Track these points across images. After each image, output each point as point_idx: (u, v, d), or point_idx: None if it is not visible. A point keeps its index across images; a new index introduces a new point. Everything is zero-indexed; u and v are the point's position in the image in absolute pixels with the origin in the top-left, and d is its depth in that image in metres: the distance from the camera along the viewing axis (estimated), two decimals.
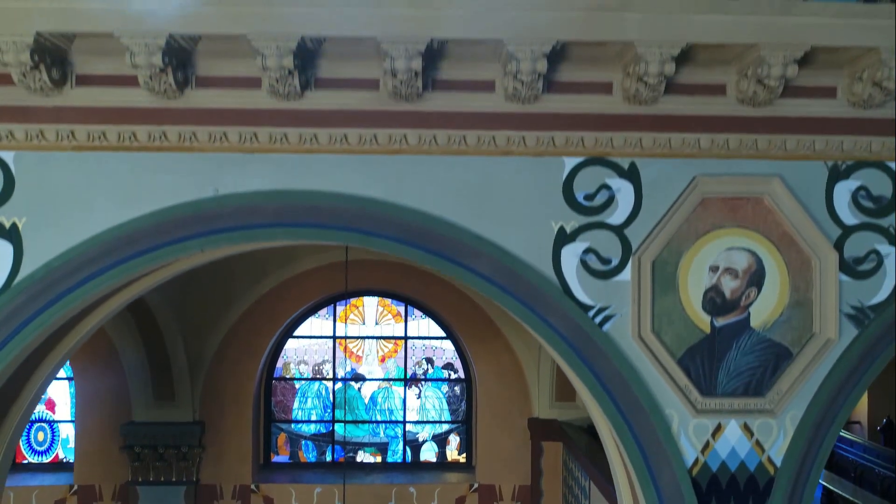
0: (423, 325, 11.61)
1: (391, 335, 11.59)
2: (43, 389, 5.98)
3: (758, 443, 4.75)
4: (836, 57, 4.40)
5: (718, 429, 4.73)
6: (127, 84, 4.40)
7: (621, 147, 4.64)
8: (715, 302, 4.73)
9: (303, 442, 11.56)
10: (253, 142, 4.55)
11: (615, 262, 4.68)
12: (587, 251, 4.68)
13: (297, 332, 11.52)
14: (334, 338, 11.53)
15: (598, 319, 4.68)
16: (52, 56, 4.26)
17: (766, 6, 4.09)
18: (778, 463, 4.74)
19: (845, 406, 4.76)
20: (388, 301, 11.55)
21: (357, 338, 11.57)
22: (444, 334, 11.59)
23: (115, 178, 4.56)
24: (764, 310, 4.75)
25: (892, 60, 4.20)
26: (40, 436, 11.48)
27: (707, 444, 4.73)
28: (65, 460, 11.46)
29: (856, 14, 4.13)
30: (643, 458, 4.71)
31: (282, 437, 11.55)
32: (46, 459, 11.51)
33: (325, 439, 11.56)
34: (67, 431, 11.47)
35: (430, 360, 11.66)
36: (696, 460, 4.73)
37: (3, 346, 4.58)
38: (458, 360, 11.67)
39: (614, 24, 4.09)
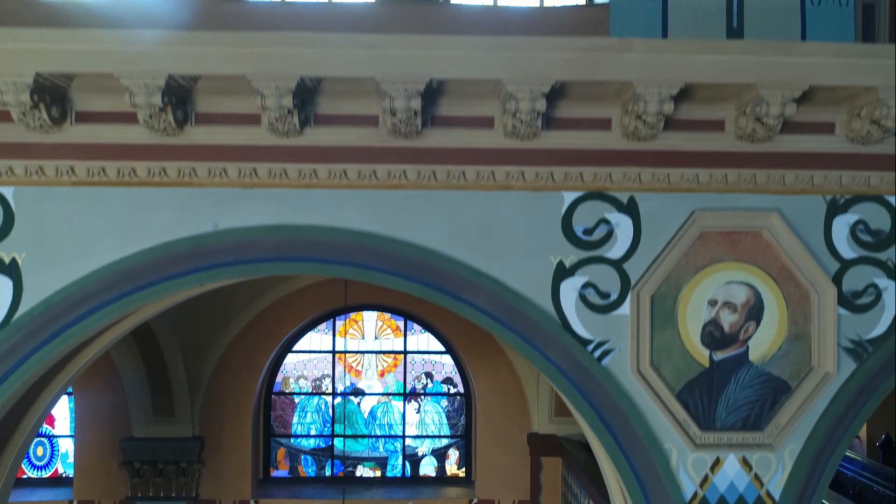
0: (422, 339, 11.61)
1: (390, 350, 11.59)
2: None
3: (756, 477, 4.75)
4: (835, 94, 4.40)
5: (717, 463, 4.74)
6: (126, 121, 4.41)
7: (620, 182, 4.65)
8: (714, 336, 4.74)
9: (302, 456, 11.55)
10: (252, 177, 4.56)
11: (614, 296, 4.69)
12: (586, 285, 4.68)
13: (296, 347, 11.51)
14: (334, 352, 11.53)
15: (596, 354, 4.69)
16: (52, 94, 4.27)
17: (765, 46, 4.11)
18: (777, 497, 4.74)
19: (843, 440, 4.77)
20: (388, 315, 11.55)
21: (356, 352, 11.57)
22: (443, 349, 11.58)
23: (115, 213, 4.57)
24: (762, 343, 4.76)
25: (890, 99, 4.21)
26: (39, 450, 11.47)
27: (706, 478, 4.73)
28: (64, 475, 11.45)
29: (854, 54, 4.14)
30: (642, 492, 4.71)
31: (281, 452, 11.55)
32: (46, 474, 11.50)
33: (324, 454, 11.55)
34: (67, 446, 11.46)
35: (429, 375, 11.66)
36: (695, 494, 4.73)
37: (3, 382, 4.59)
38: (458, 375, 11.67)
39: (613, 65, 4.10)
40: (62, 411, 11.52)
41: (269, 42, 4.01)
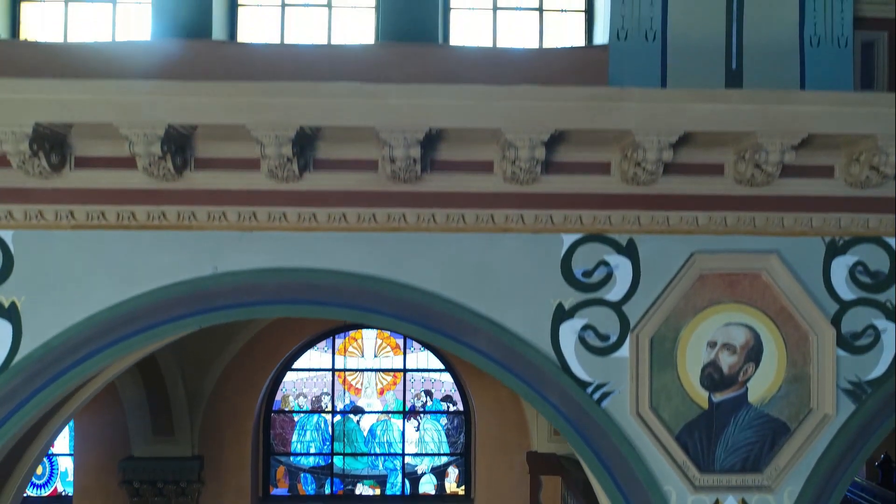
0: (421, 357, 11.59)
1: (390, 368, 11.58)
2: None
3: None
4: (834, 139, 4.41)
5: None
6: (126, 166, 4.42)
7: (619, 224, 4.65)
8: (713, 377, 4.74)
9: (302, 475, 11.54)
10: (252, 221, 4.56)
11: (613, 338, 4.69)
12: (585, 328, 4.69)
13: (296, 365, 11.49)
14: (333, 370, 11.52)
15: (596, 396, 4.69)
16: (51, 141, 4.27)
17: (764, 95, 4.12)
18: None
19: (843, 481, 4.77)
20: (387, 333, 11.53)
21: (356, 370, 11.56)
22: (442, 367, 11.57)
23: (115, 256, 4.57)
24: (762, 385, 4.76)
25: (889, 147, 4.22)
26: (39, 469, 11.46)
27: None
28: (63, 493, 11.44)
29: (853, 103, 4.15)
30: None
31: (280, 470, 11.53)
32: (45, 493, 11.49)
33: (323, 472, 11.54)
34: (66, 465, 11.45)
35: (428, 393, 11.65)
36: None
37: (2, 425, 4.59)
38: (457, 393, 11.66)
39: (612, 114, 4.11)
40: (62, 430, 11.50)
41: (268, 92, 4.02)
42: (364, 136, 4.34)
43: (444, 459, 11.67)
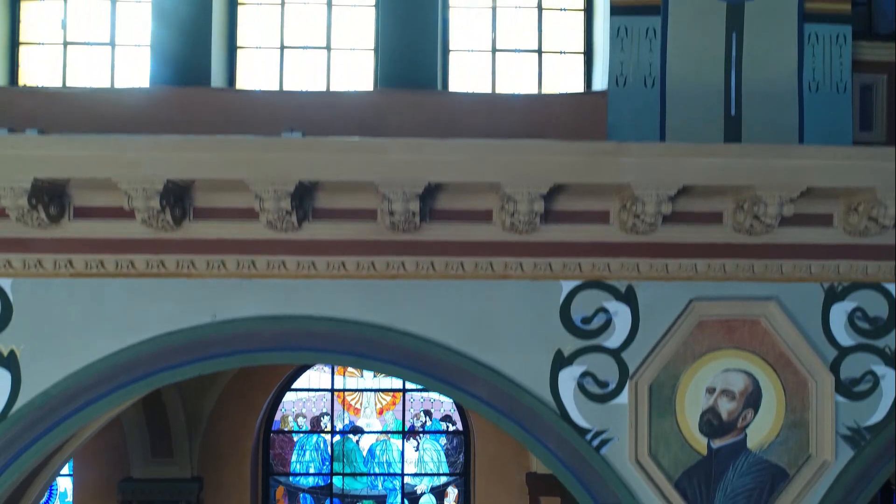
0: None
1: (389, 388, 11.56)
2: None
3: None
4: (833, 189, 4.41)
5: None
6: (124, 216, 4.41)
7: (618, 271, 4.66)
8: (712, 424, 4.74)
9: (301, 495, 11.53)
10: (251, 269, 4.56)
11: (612, 385, 4.70)
12: (584, 374, 4.69)
13: (295, 385, 11.48)
14: (332, 390, 11.51)
15: (595, 443, 4.69)
16: (50, 193, 4.27)
17: (762, 150, 4.13)
18: None
19: None
20: None
21: (355, 390, 11.55)
22: None
23: (114, 304, 4.57)
24: (760, 431, 4.77)
25: (889, 199, 4.21)
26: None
27: None
28: None
29: (852, 157, 4.15)
30: None
31: (280, 490, 11.52)
32: None
33: (323, 492, 11.52)
34: (65, 485, 11.44)
35: (428, 413, 11.63)
36: None
37: (2, 473, 4.59)
38: (457, 413, 11.65)
39: (611, 168, 4.11)
40: None
41: (267, 147, 4.03)
42: (363, 187, 4.34)
43: (444, 479, 11.66)
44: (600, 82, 5.12)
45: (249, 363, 4.71)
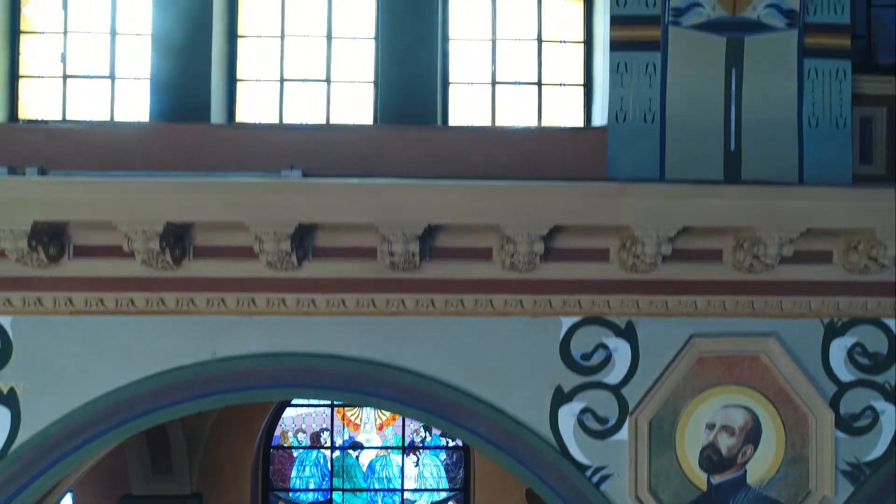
0: None
1: None
2: None
3: None
4: (833, 229, 4.41)
5: None
6: (124, 255, 4.40)
7: (618, 307, 4.66)
8: (712, 459, 4.75)
9: None
10: (251, 306, 4.57)
11: (612, 421, 4.70)
12: (584, 411, 4.69)
13: (294, 401, 11.46)
14: (332, 406, 11.49)
15: (595, 479, 4.69)
16: (50, 234, 4.26)
17: (762, 191, 4.13)
18: None
19: None
20: None
21: (355, 406, 11.54)
22: None
23: (113, 342, 4.57)
24: (760, 466, 4.77)
25: (889, 240, 4.22)
26: None
27: None
28: None
29: (852, 198, 4.15)
30: None
31: None
32: None
33: None
34: (66, 503, 11.43)
35: (427, 428, 11.62)
36: None
37: None
38: None
39: (610, 210, 4.12)
40: None
41: (266, 190, 4.03)
42: (363, 227, 4.34)
43: (444, 495, 11.65)
44: (600, 116, 5.12)
45: (249, 400, 4.72)
